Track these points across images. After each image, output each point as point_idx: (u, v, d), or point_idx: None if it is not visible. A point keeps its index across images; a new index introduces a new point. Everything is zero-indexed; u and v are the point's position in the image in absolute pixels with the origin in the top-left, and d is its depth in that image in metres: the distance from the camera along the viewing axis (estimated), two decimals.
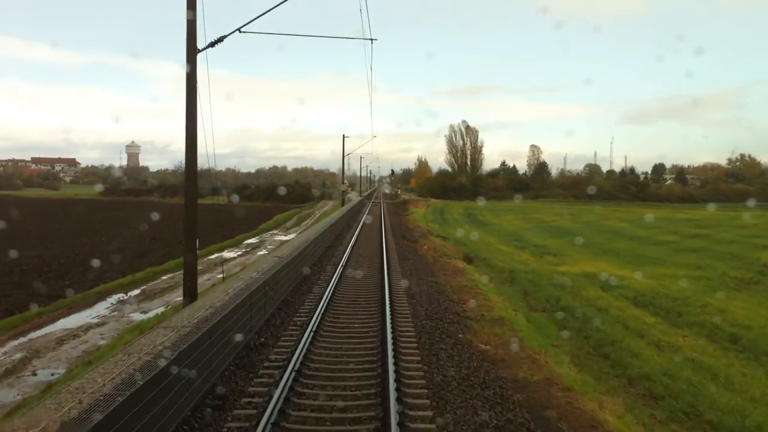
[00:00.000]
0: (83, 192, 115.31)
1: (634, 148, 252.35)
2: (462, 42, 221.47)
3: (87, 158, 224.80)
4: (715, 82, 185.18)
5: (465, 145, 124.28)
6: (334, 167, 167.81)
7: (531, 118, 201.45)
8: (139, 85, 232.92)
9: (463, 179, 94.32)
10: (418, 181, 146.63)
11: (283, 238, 36.63)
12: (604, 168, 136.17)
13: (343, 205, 56.30)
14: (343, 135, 56.81)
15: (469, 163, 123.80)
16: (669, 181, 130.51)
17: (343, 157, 56.71)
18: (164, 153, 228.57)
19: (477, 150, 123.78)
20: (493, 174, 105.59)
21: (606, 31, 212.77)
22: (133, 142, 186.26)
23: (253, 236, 38.30)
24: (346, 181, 72.93)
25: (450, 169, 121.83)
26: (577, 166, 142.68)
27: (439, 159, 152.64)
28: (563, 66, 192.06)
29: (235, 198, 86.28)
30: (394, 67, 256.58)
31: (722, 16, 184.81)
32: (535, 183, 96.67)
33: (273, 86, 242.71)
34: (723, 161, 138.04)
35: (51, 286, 20.42)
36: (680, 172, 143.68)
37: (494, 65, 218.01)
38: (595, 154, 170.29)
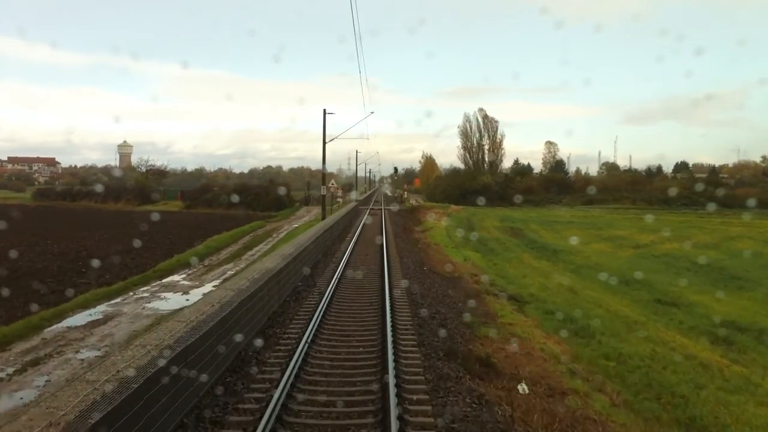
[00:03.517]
0: (22, 195, 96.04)
1: (635, 148, 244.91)
2: (462, 43, 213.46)
3: (89, 159, 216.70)
4: (717, 83, 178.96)
5: (482, 138, 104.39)
6: (334, 167, 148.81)
7: (531, 119, 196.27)
8: (140, 85, 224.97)
9: (487, 179, 74.06)
10: (424, 182, 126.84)
11: (165, 306, 16.75)
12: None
13: (324, 218, 36.42)
14: (324, 110, 37.00)
15: (487, 159, 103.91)
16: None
17: (324, 142, 36.80)
18: (165, 153, 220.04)
19: (497, 144, 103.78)
20: (522, 172, 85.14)
21: (606, 31, 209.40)
22: (125, 141, 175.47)
23: (121, 294, 18.50)
24: (334, 182, 53.04)
25: (464, 167, 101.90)
26: (579, 166, 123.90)
27: (440, 159, 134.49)
28: (564, 66, 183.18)
29: (236, 198, 66.10)
30: (395, 67, 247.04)
31: (724, 16, 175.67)
32: (579, 183, 76.45)
33: (274, 87, 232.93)
34: (724, 161, 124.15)
35: None
36: (712, 172, 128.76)
37: (495, 66, 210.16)
38: (599, 153, 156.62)
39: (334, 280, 15.58)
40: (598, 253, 30.57)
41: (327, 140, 37.40)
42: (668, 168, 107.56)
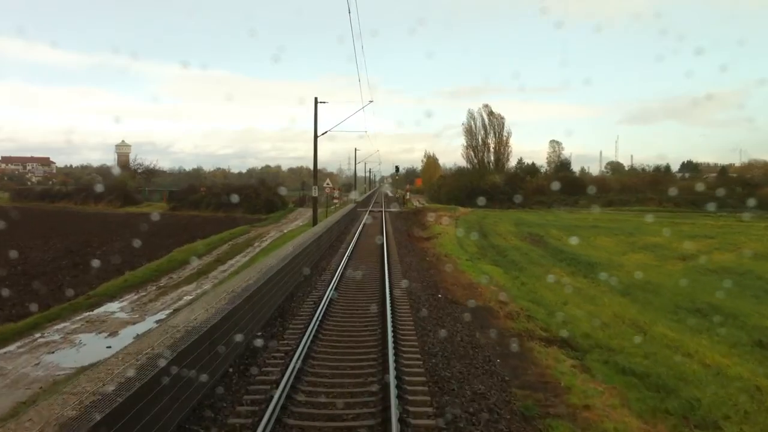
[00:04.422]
0: (2, 196, 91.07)
1: (636, 148, 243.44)
2: (462, 43, 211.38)
3: (90, 159, 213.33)
4: (717, 83, 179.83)
5: (487, 135, 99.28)
6: (334, 167, 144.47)
7: (531, 119, 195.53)
8: (140, 85, 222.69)
9: (495, 178, 68.89)
10: (427, 182, 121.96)
11: (70, 361, 11.69)
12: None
13: (315, 223, 31.48)
14: (316, 98, 32.09)
15: (493, 158, 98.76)
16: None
17: (316, 135, 31.84)
18: (165, 153, 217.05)
19: (503, 142, 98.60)
20: (531, 171, 79.95)
21: (606, 31, 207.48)
22: (123, 141, 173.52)
23: (26, 334, 13.49)
24: (329, 181, 48.06)
25: (469, 166, 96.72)
26: (583, 166, 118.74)
27: (441, 159, 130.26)
28: (564, 66, 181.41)
29: (235, 198, 60.69)
30: (395, 67, 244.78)
31: (724, 16, 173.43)
32: (594, 184, 71.21)
33: (274, 87, 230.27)
34: (724, 161, 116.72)
35: None
36: (722, 171, 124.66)
37: (495, 66, 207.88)
38: (601, 153, 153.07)
39: (314, 321, 10.61)
40: (641, 266, 25.50)
41: (321, 133, 32.47)
42: (674, 168, 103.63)
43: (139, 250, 28.41)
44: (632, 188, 64.47)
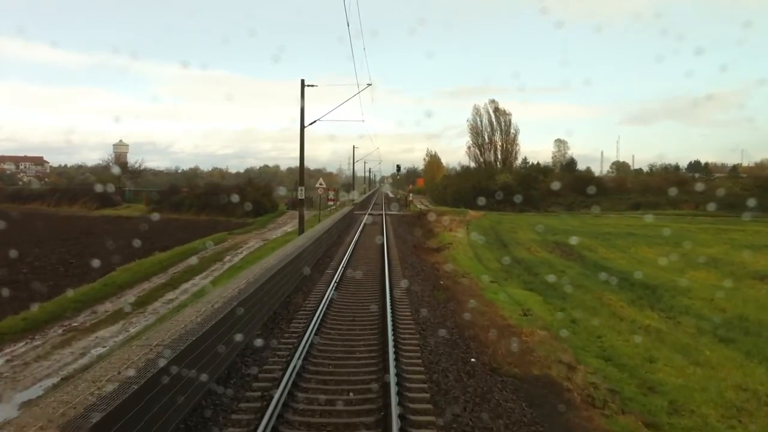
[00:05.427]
0: None
1: (636, 149, 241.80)
2: (462, 43, 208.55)
3: (89, 159, 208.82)
4: (717, 83, 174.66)
5: (494, 133, 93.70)
6: (333, 167, 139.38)
7: (532, 119, 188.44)
8: (140, 85, 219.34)
9: (506, 178, 63.08)
10: (429, 182, 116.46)
11: None
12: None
13: (301, 232, 25.90)
14: (302, 80, 26.57)
15: (500, 156, 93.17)
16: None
17: (303, 126, 26.25)
18: (165, 154, 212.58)
19: (510, 140, 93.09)
20: (543, 171, 74.12)
21: (606, 31, 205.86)
22: (121, 141, 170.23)
23: None
24: (322, 181, 42.52)
25: (474, 165, 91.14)
26: (581, 167, 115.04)
27: (443, 160, 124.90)
28: (564, 66, 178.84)
29: (219, 200, 55.14)
30: (395, 67, 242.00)
31: (724, 16, 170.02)
32: (612, 184, 65.28)
33: (274, 87, 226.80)
34: (724, 161, 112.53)
35: None
36: (733, 170, 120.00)
37: (495, 66, 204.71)
38: (602, 153, 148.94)
39: None
40: (714, 290, 19.88)
41: (308, 123, 26.89)
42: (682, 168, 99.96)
43: (79, 266, 22.80)
44: (656, 189, 58.75)
